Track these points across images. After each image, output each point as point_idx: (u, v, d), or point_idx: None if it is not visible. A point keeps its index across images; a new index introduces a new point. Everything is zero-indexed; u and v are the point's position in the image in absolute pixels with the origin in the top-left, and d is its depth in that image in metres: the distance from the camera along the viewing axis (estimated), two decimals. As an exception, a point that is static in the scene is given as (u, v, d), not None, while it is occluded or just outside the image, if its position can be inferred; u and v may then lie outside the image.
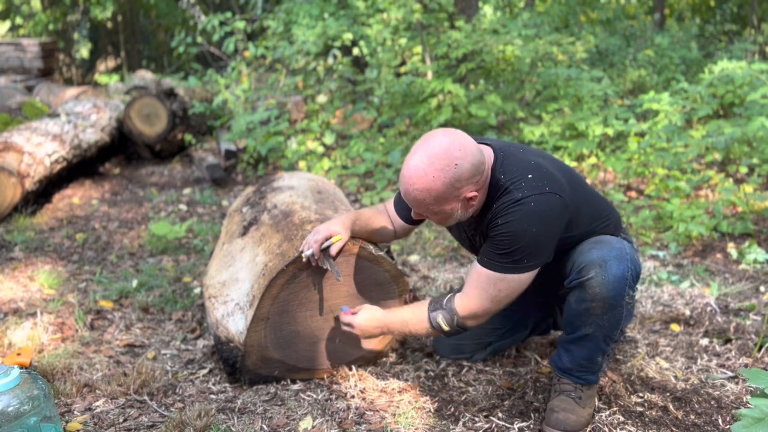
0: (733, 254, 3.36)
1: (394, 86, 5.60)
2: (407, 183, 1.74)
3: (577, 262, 1.86)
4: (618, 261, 1.81)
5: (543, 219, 1.76)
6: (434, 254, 3.57)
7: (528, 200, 1.75)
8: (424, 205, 1.76)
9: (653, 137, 4.62)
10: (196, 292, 3.03)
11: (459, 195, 1.75)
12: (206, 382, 2.25)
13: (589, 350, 1.90)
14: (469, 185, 1.75)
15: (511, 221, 1.76)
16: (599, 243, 1.88)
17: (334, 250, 2.00)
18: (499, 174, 1.82)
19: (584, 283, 1.83)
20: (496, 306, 1.86)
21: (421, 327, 1.95)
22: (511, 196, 1.78)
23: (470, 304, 1.86)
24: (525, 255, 1.78)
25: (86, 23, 13.83)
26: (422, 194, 1.73)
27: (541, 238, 1.77)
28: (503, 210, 1.78)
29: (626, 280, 1.82)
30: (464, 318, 1.88)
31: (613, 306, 1.82)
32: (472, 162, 1.72)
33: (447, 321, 1.90)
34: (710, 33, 10.35)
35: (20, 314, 2.75)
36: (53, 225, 4.18)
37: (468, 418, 1.98)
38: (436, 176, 1.70)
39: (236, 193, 5.15)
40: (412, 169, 1.72)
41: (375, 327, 2.00)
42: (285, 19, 6.56)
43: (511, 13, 9.64)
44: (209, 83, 7.50)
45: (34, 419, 1.63)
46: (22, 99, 6.92)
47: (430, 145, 1.72)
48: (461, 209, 1.80)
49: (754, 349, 2.36)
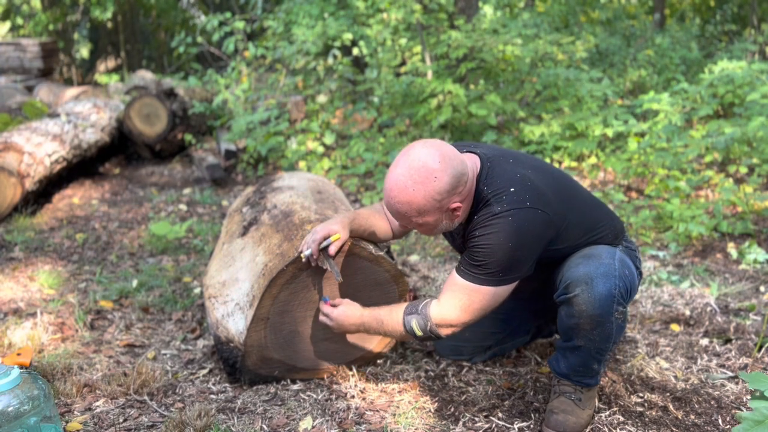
0: (733, 254, 3.36)
1: (394, 86, 5.60)
2: (389, 196, 1.74)
3: (564, 278, 1.84)
4: (605, 278, 1.78)
5: (520, 234, 1.74)
6: (434, 254, 3.57)
7: (506, 214, 1.74)
8: (407, 217, 1.76)
9: (653, 137, 4.62)
10: (196, 292, 3.03)
11: (441, 207, 1.74)
12: (206, 382, 2.25)
13: (583, 359, 1.89)
14: (452, 196, 1.74)
15: (488, 234, 1.75)
16: (587, 258, 1.84)
17: (333, 249, 1.99)
18: (482, 185, 1.81)
19: (571, 300, 1.81)
20: (469, 316, 1.84)
21: (396, 329, 1.94)
22: (490, 209, 1.77)
23: (443, 313, 1.85)
24: (500, 269, 1.76)
25: (86, 23, 13.84)
26: (404, 207, 1.73)
27: (517, 253, 1.75)
28: (481, 222, 1.77)
29: (613, 297, 1.78)
30: (437, 326, 1.86)
31: (601, 323, 1.80)
32: (453, 174, 1.71)
33: (420, 326, 1.88)
34: (710, 33, 10.35)
35: (20, 314, 2.75)
36: (53, 225, 4.18)
37: (468, 418, 1.98)
38: (416, 189, 1.69)
39: (236, 193, 5.15)
40: (392, 182, 1.72)
41: (351, 323, 1.99)
42: (285, 20, 6.56)
43: (511, 13, 9.64)
44: (209, 83, 7.50)
45: (34, 419, 1.64)
46: (22, 99, 6.93)
47: (410, 158, 1.72)
48: (446, 220, 1.79)
49: (754, 349, 2.36)
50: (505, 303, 1.91)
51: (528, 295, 2.22)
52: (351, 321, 1.99)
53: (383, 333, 1.98)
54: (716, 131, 4.52)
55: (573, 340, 1.87)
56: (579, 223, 1.90)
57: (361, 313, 1.99)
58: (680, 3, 12.17)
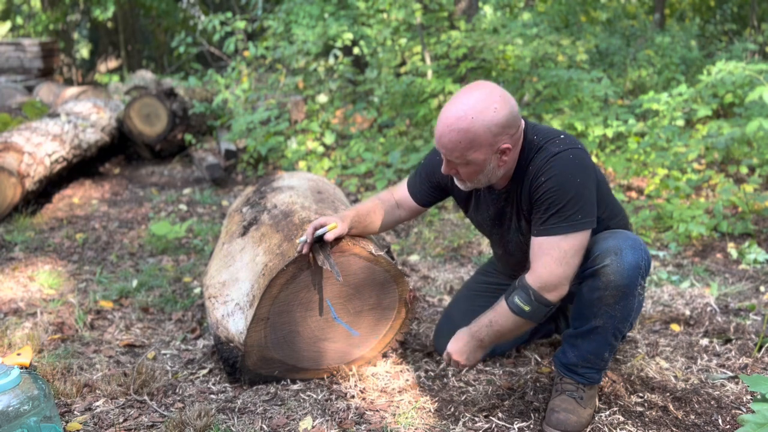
0: (733, 254, 3.36)
1: (394, 86, 5.60)
2: (445, 124, 1.75)
3: (593, 251, 1.85)
4: (633, 250, 1.81)
5: (584, 169, 1.79)
6: (434, 254, 3.57)
7: (566, 153, 1.78)
8: (459, 149, 1.76)
9: (653, 137, 4.62)
10: (196, 292, 3.03)
11: (494, 143, 1.76)
12: (206, 382, 2.25)
13: (598, 344, 1.88)
14: (505, 136, 1.76)
15: (555, 175, 1.77)
16: (614, 233, 1.88)
17: (331, 236, 1.99)
18: (531, 135, 1.86)
19: (599, 271, 1.82)
20: (567, 268, 1.79)
21: (506, 318, 1.87)
22: (548, 151, 1.81)
23: (541, 273, 1.80)
24: (577, 208, 1.77)
25: (86, 23, 13.84)
26: (459, 135, 1.74)
27: (586, 190, 1.78)
28: (543, 165, 1.80)
29: (640, 269, 1.81)
30: (540, 289, 1.80)
31: (626, 295, 1.81)
32: (511, 111, 1.75)
33: (525, 300, 1.81)
34: (710, 33, 10.35)
35: (20, 314, 2.75)
36: (53, 225, 4.18)
37: (468, 418, 1.98)
38: (476, 117, 1.72)
39: (236, 193, 5.15)
40: (452, 110, 1.75)
41: (467, 344, 1.93)
42: (285, 20, 6.56)
43: (510, 13, 9.64)
44: (209, 83, 7.49)
45: (34, 419, 1.64)
46: (22, 99, 6.93)
47: (471, 90, 1.77)
48: (493, 162, 1.80)
49: (754, 349, 2.36)
50: None
51: None
52: (465, 343, 1.93)
53: (499, 333, 1.90)
54: (716, 131, 4.52)
55: (590, 320, 1.86)
56: (603, 196, 1.93)
57: (468, 329, 1.95)
58: (680, 3, 12.16)
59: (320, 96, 6.41)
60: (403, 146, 5.21)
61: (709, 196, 4.20)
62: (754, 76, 4.46)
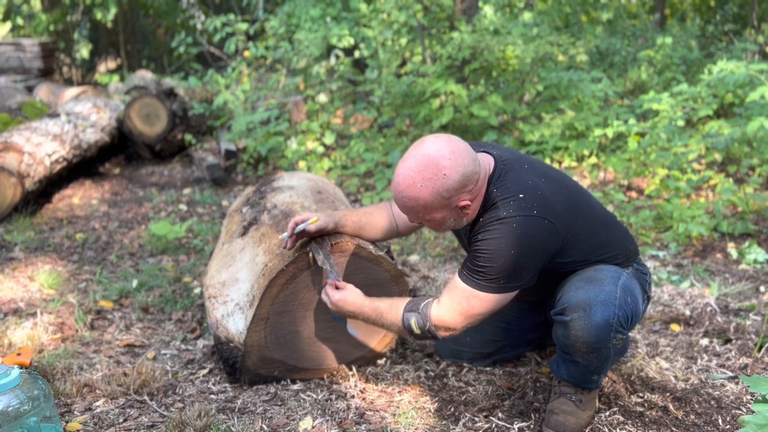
0: (733, 254, 3.36)
1: (395, 87, 5.60)
2: (396, 190, 1.72)
3: (563, 299, 1.80)
4: (603, 307, 1.73)
5: (523, 242, 1.69)
6: (434, 254, 3.57)
7: (511, 220, 1.70)
8: (414, 212, 1.74)
9: (653, 137, 4.62)
10: (196, 292, 3.03)
11: (449, 204, 1.71)
12: (206, 382, 2.25)
13: (581, 372, 1.87)
14: (461, 194, 1.70)
15: (490, 239, 1.71)
16: (589, 282, 1.80)
17: (312, 228, 2.00)
18: (493, 187, 1.77)
19: (566, 323, 1.77)
20: (468, 321, 1.80)
21: (394, 324, 1.89)
22: (496, 213, 1.73)
23: (443, 315, 1.81)
24: (501, 276, 1.72)
25: (86, 23, 13.83)
26: (411, 202, 1.71)
27: (519, 261, 1.71)
28: (485, 226, 1.74)
29: (611, 326, 1.73)
30: (436, 327, 1.82)
31: (597, 349, 1.77)
32: (463, 172, 1.68)
33: (419, 325, 1.84)
34: (711, 33, 10.34)
35: (20, 314, 2.75)
36: (53, 225, 4.18)
37: (468, 418, 1.98)
38: (424, 185, 1.67)
39: (236, 193, 5.15)
40: (401, 176, 1.70)
41: (350, 309, 1.94)
42: (286, 21, 6.57)
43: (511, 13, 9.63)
44: (209, 83, 7.50)
45: (34, 419, 1.64)
46: (22, 99, 6.93)
47: (420, 152, 1.69)
48: (454, 217, 1.77)
49: (754, 349, 2.36)
50: (507, 312, 1.89)
51: (531, 307, 2.21)
52: (350, 308, 1.94)
53: (381, 325, 1.94)
54: (716, 131, 4.52)
55: (570, 356, 1.85)
56: (587, 239, 1.86)
57: (362, 302, 1.94)
58: (681, 3, 12.16)
59: (320, 96, 6.41)
60: (403, 146, 5.21)
61: (709, 196, 4.20)
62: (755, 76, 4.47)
